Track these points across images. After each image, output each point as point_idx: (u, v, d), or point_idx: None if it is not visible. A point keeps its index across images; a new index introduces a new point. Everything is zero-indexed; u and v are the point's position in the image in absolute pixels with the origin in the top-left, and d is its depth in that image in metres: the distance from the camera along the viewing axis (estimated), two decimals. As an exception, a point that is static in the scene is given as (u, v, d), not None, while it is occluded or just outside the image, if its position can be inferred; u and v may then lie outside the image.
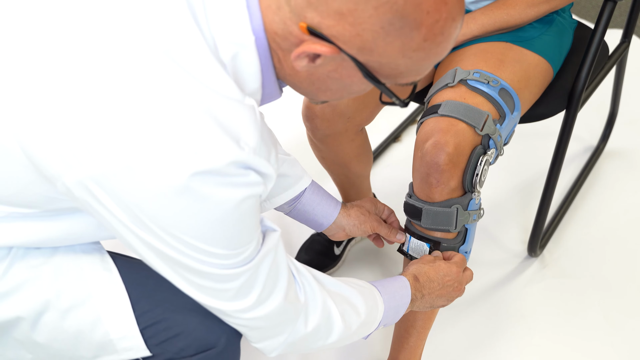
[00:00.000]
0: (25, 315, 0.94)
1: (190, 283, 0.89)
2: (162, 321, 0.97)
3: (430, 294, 1.21)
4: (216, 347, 0.98)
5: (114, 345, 0.96)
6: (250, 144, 0.81)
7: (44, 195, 0.87)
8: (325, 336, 1.04)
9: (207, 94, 0.80)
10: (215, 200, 0.80)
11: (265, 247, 0.91)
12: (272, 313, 0.95)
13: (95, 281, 0.96)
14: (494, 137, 1.24)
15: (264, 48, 0.86)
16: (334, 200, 1.33)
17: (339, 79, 0.88)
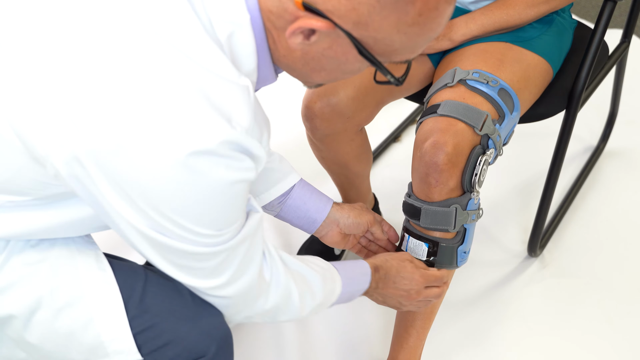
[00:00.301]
0: (17, 314, 0.94)
1: (169, 261, 0.90)
2: (152, 328, 0.96)
3: (384, 288, 1.22)
4: (206, 355, 0.97)
5: (105, 347, 0.95)
6: (242, 124, 0.82)
7: (36, 180, 0.88)
8: (280, 315, 1.06)
9: (200, 72, 0.81)
10: (207, 181, 0.81)
11: (245, 230, 0.92)
12: (240, 292, 0.97)
13: (89, 281, 0.96)
14: (493, 137, 1.24)
15: (259, 27, 0.86)
16: (325, 195, 1.31)
17: (334, 57, 0.88)
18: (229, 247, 0.90)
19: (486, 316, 1.64)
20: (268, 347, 1.55)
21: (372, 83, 1.40)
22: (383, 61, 0.89)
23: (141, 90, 0.79)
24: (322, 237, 1.32)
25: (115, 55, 0.80)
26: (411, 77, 1.47)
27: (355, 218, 1.30)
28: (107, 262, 0.99)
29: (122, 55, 0.80)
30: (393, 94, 1.47)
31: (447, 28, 1.41)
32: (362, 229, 1.32)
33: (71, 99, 0.79)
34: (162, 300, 0.96)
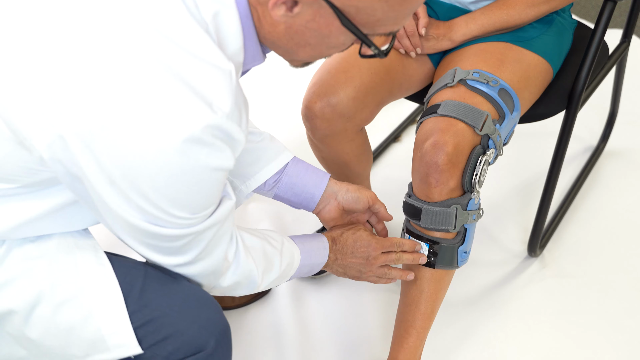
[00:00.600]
0: (17, 309, 0.94)
1: (138, 240, 0.93)
2: (151, 322, 0.97)
3: (343, 259, 1.24)
4: (205, 349, 0.98)
5: (106, 342, 0.95)
6: (223, 108, 0.83)
7: (23, 166, 0.89)
8: (238, 289, 1.10)
9: (183, 56, 0.82)
10: (191, 166, 0.83)
11: (215, 215, 0.94)
12: (204, 271, 1.00)
13: (89, 275, 0.97)
14: (493, 137, 1.24)
15: (244, 5, 0.88)
16: (321, 170, 1.29)
17: (317, 29, 0.88)
18: (196, 230, 0.92)
19: (486, 316, 1.64)
20: (268, 347, 1.55)
21: (372, 83, 1.40)
22: (367, 34, 0.89)
23: (122, 74, 0.80)
24: (320, 213, 1.29)
25: (98, 39, 0.81)
26: (411, 77, 1.47)
27: (355, 192, 1.28)
28: (106, 257, 1.00)
29: (105, 39, 0.81)
30: (393, 94, 1.47)
31: (448, 28, 1.41)
32: (362, 204, 1.28)
33: (54, 81, 0.81)
34: (162, 295, 0.97)
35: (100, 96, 0.80)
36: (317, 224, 1.78)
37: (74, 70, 0.81)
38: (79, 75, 0.81)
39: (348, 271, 1.26)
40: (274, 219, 1.83)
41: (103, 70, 0.80)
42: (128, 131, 0.81)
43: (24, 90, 0.82)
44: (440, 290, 1.36)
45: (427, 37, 1.41)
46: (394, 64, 1.43)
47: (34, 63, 0.82)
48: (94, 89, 0.80)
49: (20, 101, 0.83)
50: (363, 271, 1.26)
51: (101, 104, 0.80)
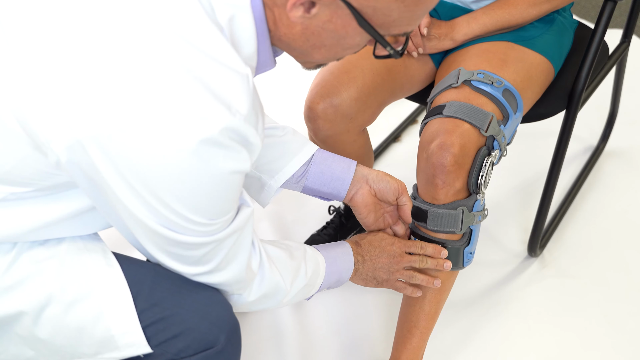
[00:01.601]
0: (27, 310, 0.94)
1: (159, 248, 0.93)
2: (161, 320, 0.97)
3: (372, 259, 1.22)
4: (215, 346, 0.98)
5: (115, 341, 0.96)
6: (241, 111, 0.83)
7: (38, 169, 0.89)
8: (267, 302, 1.09)
9: (201, 59, 0.82)
10: (206, 168, 0.83)
11: (235, 223, 0.94)
12: (228, 281, 1.00)
13: (98, 276, 0.97)
14: (498, 138, 1.24)
15: (259, 9, 0.88)
16: (347, 158, 1.24)
17: (334, 30, 0.89)
18: (217, 239, 0.92)
19: (486, 316, 1.64)
20: (269, 347, 1.55)
21: (374, 84, 1.40)
22: (382, 34, 0.90)
23: (142, 77, 0.80)
24: (353, 199, 1.22)
25: (117, 42, 0.81)
26: (413, 77, 1.47)
27: (385, 177, 1.21)
28: (115, 257, 1.00)
29: (123, 42, 0.81)
30: (395, 94, 1.47)
31: (449, 27, 1.41)
32: (392, 192, 1.21)
33: (72, 85, 0.81)
34: (171, 293, 0.98)
35: (118, 99, 0.80)
36: (319, 224, 1.78)
37: (91, 73, 0.80)
38: (96, 78, 0.80)
39: (378, 273, 1.24)
40: (274, 219, 1.83)
41: (121, 73, 0.80)
42: (145, 133, 0.80)
43: (42, 94, 0.82)
44: (445, 291, 1.36)
45: (429, 36, 1.41)
46: (396, 64, 1.43)
47: (52, 66, 0.82)
48: (111, 93, 0.80)
49: (37, 104, 0.82)
50: (391, 271, 1.24)
51: (118, 108, 0.80)
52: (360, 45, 0.94)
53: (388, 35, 0.91)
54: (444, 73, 1.38)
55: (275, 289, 1.08)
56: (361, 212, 1.23)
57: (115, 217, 0.91)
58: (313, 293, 1.19)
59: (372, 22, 0.88)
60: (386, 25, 0.89)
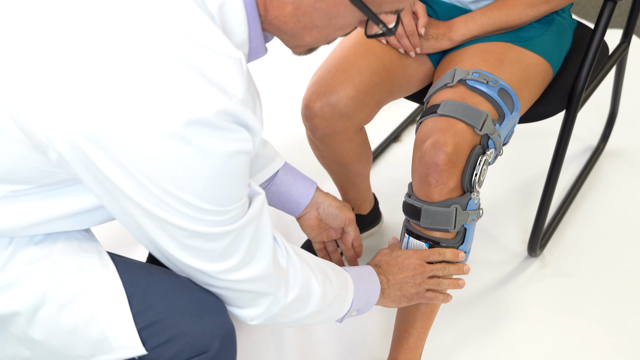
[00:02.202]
0: (21, 310, 0.94)
1: (178, 243, 0.90)
2: (155, 323, 0.96)
3: (394, 276, 1.22)
4: (210, 350, 0.97)
5: (110, 343, 0.95)
6: (237, 94, 0.82)
7: (38, 168, 0.88)
8: (304, 305, 1.06)
9: (193, 47, 0.81)
10: (207, 152, 0.81)
11: (251, 210, 0.92)
12: (256, 277, 0.97)
13: (93, 277, 0.96)
14: (493, 137, 1.24)
15: None
16: (309, 179, 1.30)
17: (325, 9, 0.88)
18: (237, 227, 0.90)
19: (486, 316, 1.64)
20: (268, 347, 1.55)
21: (372, 83, 1.40)
22: (374, 12, 0.90)
23: (133, 68, 0.79)
24: (301, 219, 1.32)
25: (107, 35, 0.80)
26: (411, 77, 1.47)
27: (335, 209, 1.30)
28: (110, 258, 0.99)
29: (114, 35, 0.80)
30: (393, 94, 1.47)
31: (447, 28, 1.41)
32: (338, 223, 1.30)
33: (66, 82, 0.80)
34: (166, 297, 0.97)
35: (110, 94, 0.79)
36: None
37: (84, 70, 0.80)
38: (88, 75, 0.80)
39: (405, 289, 1.23)
40: (273, 218, 1.83)
41: (113, 67, 0.79)
42: (140, 123, 0.79)
43: (36, 93, 0.81)
44: (441, 291, 1.36)
45: (427, 36, 1.41)
46: (394, 64, 1.43)
47: (44, 63, 0.81)
48: (103, 88, 0.79)
49: (33, 104, 0.82)
50: (418, 282, 1.23)
51: (111, 102, 0.79)
52: (352, 26, 0.93)
53: (380, 13, 0.91)
54: (441, 73, 1.38)
55: (309, 286, 1.05)
56: (305, 230, 1.33)
57: (127, 216, 0.89)
58: (345, 312, 1.16)
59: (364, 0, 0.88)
60: (378, 2, 0.89)
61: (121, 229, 1.11)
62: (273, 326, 1.06)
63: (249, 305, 1.01)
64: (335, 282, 1.10)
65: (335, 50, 1.45)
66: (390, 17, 0.94)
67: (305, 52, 1.01)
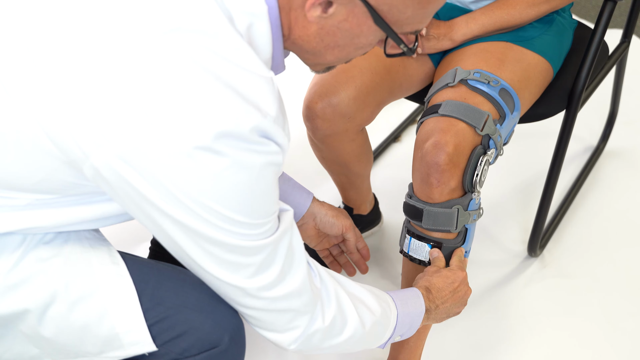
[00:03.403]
0: (32, 308, 0.94)
1: (213, 257, 0.90)
2: (165, 319, 0.97)
3: (444, 303, 1.21)
4: (220, 345, 0.98)
5: (120, 339, 0.96)
6: (270, 113, 0.85)
7: (68, 181, 0.89)
8: (340, 330, 1.03)
9: (226, 66, 0.83)
10: (239, 164, 0.83)
11: (283, 224, 0.93)
12: (294, 291, 0.96)
13: (103, 274, 0.97)
14: (494, 137, 1.24)
15: (275, 17, 0.90)
16: (305, 189, 1.31)
17: (349, 29, 0.91)
18: (272, 241, 0.91)
19: (486, 316, 1.64)
20: (268, 346, 1.55)
21: (373, 83, 1.40)
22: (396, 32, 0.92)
23: (169, 87, 0.81)
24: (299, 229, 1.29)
25: (142, 54, 0.81)
26: (412, 77, 1.47)
27: (332, 218, 1.30)
28: (120, 256, 1.00)
29: (149, 53, 0.81)
30: (394, 94, 1.47)
31: (448, 28, 1.41)
32: (336, 231, 1.30)
33: (102, 99, 0.81)
34: (175, 293, 0.97)
35: (146, 112, 0.81)
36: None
37: (119, 88, 0.81)
38: (124, 93, 0.81)
39: (452, 311, 1.24)
40: (274, 219, 1.83)
41: (149, 86, 0.81)
42: (175, 139, 0.80)
43: (72, 109, 0.82)
44: (441, 290, 1.36)
45: (428, 36, 1.41)
46: (395, 64, 1.43)
47: (78, 81, 0.82)
48: (139, 106, 0.81)
49: (70, 121, 0.83)
50: (462, 303, 1.24)
51: (146, 119, 0.81)
52: (372, 45, 0.95)
53: (401, 34, 0.94)
54: (442, 73, 1.38)
55: (343, 309, 1.03)
56: (304, 240, 1.32)
57: (162, 233, 0.90)
58: (388, 336, 1.13)
59: (387, 20, 0.90)
60: (400, 23, 0.91)
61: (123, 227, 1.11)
62: (312, 352, 1.04)
63: (287, 329, 0.99)
64: (375, 309, 1.08)
65: (336, 50, 1.45)
66: (410, 37, 0.97)
67: (324, 70, 1.03)
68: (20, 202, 0.92)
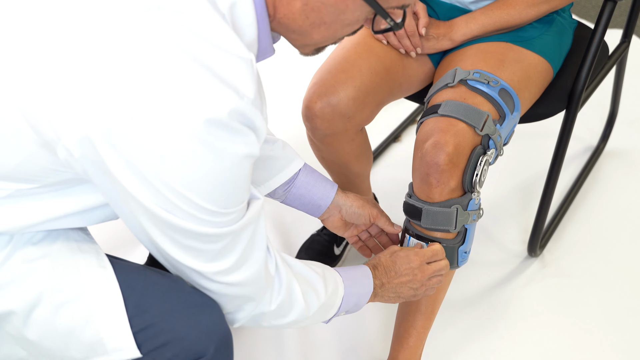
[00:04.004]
0: (17, 310, 0.93)
1: (176, 243, 0.91)
2: (151, 327, 0.96)
3: (390, 282, 1.22)
4: (205, 356, 0.97)
5: (104, 345, 0.95)
6: (248, 95, 0.83)
7: (45, 167, 0.88)
8: (286, 314, 1.07)
9: (205, 47, 0.82)
10: (219, 154, 0.82)
11: (249, 213, 0.93)
12: (247, 280, 0.97)
13: (90, 277, 0.96)
14: (493, 137, 1.24)
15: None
16: (330, 181, 1.31)
17: (334, 4, 0.90)
18: (235, 229, 0.91)
19: (486, 316, 1.64)
20: (268, 347, 1.55)
21: (372, 83, 1.40)
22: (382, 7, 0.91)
23: (147, 67, 0.80)
24: (324, 221, 1.33)
25: (121, 34, 0.81)
26: (411, 77, 1.47)
27: (358, 208, 1.31)
28: (108, 260, 0.99)
29: (128, 33, 0.81)
30: (393, 94, 1.47)
31: (448, 28, 1.41)
32: (363, 220, 1.32)
33: (78, 79, 0.80)
34: (162, 300, 0.96)
35: (123, 92, 0.80)
36: (318, 224, 1.78)
37: (96, 67, 0.80)
38: (101, 72, 0.80)
39: (402, 292, 1.24)
40: (273, 219, 1.84)
41: (125, 65, 0.80)
42: (152, 121, 0.80)
43: (48, 90, 0.82)
44: (441, 291, 1.36)
45: (428, 37, 1.41)
46: (394, 64, 1.43)
47: (56, 61, 0.82)
48: (116, 85, 0.80)
49: (45, 101, 0.82)
50: (415, 287, 1.24)
51: (123, 99, 0.80)
52: (359, 22, 0.95)
53: (388, 8, 0.93)
54: (442, 73, 1.38)
55: (292, 296, 1.06)
56: (332, 230, 1.35)
57: (129, 214, 0.90)
58: (332, 314, 1.17)
59: None
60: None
61: (120, 231, 1.11)
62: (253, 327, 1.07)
63: (235, 310, 1.02)
64: (322, 293, 1.11)
65: (336, 50, 1.45)
66: (398, 13, 0.96)
67: (313, 52, 1.02)
68: (0, 194, 0.91)
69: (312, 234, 1.75)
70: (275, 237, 1.80)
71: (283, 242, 1.79)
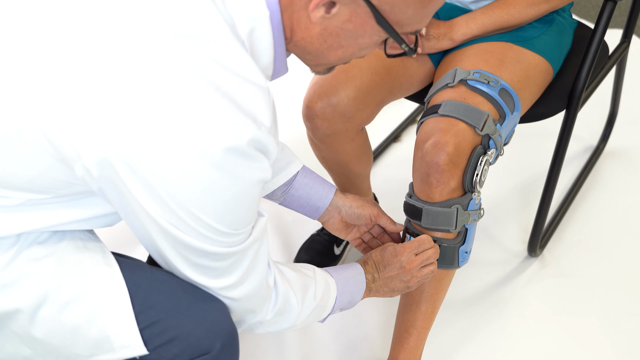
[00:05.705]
0: (24, 308, 0.94)
1: (186, 260, 0.94)
2: (157, 323, 0.97)
3: (381, 274, 1.24)
4: (211, 351, 0.98)
5: (111, 342, 0.95)
6: (265, 123, 0.86)
7: (60, 180, 0.90)
8: (281, 322, 1.10)
9: (225, 75, 0.84)
10: (235, 179, 0.85)
11: (255, 232, 0.96)
12: (250, 294, 1.01)
13: (96, 275, 0.97)
14: (494, 137, 1.24)
15: (277, 21, 0.91)
16: (328, 183, 1.32)
17: (352, 29, 0.92)
18: (242, 249, 0.94)
19: (486, 316, 1.64)
20: (268, 347, 1.55)
21: (373, 83, 1.40)
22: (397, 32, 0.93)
23: (170, 93, 0.82)
24: (324, 223, 1.34)
25: (145, 58, 0.82)
26: (411, 77, 1.47)
27: (357, 209, 1.31)
28: (114, 257, 1.00)
29: (152, 58, 0.82)
30: (394, 94, 1.47)
31: (448, 27, 1.41)
32: (364, 221, 1.32)
33: (101, 100, 0.82)
34: (168, 297, 0.98)
35: (145, 116, 0.82)
36: (318, 224, 1.78)
37: (120, 90, 0.82)
38: (124, 95, 0.82)
39: (394, 286, 1.25)
40: (274, 219, 1.83)
41: (149, 90, 0.82)
42: (173, 148, 0.82)
43: (72, 108, 0.83)
44: (441, 291, 1.36)
45: (428, 36, 1.41)
46: (395, 64, 1.43)
47: (81, 80, 0.83)
48: (139, 109, 0.81)
49: (67, 119, 0.83)
50: (406, 279, 1.25)
51: (146, 124, 0.82)
52: (374, 45, 0.97)
53: (402, 33, 0.94)
54: (442, 73, 1.38)
55: (288, 305, 1.09)
56: (333, 233, 1.35)
57: (141, 227, 0.92)
58: (326, 315, 1.19)
59: (389, 20, 0.91)
60: (401, 23, 0.92)
61: (121, 229, 1.11)
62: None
63: (236, 321, 1.05)
64: (315, 297, 1.14)
65: (336, 50, 1.45)
66: (411, 37, 0.98)
67: (325, 71, 1.04)
68: (12, 202, 0.92)
69: (312, 234, 1.75)
70: (275, 237, 1.80)
71: (283, 242, 1.79)
